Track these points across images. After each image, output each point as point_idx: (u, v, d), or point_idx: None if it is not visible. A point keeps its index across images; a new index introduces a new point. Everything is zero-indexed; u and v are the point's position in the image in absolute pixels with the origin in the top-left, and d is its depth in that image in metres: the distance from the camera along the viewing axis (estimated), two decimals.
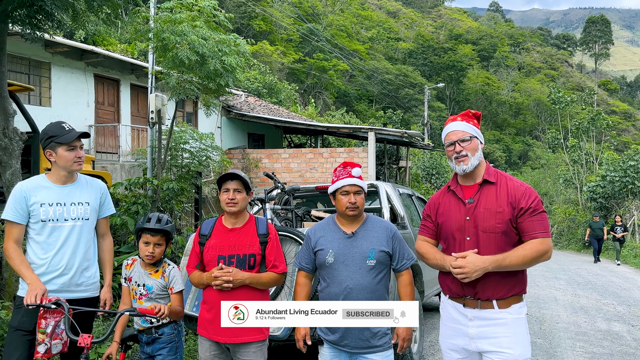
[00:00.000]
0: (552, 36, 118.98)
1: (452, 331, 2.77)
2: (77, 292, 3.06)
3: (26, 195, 2.99)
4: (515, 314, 2.62)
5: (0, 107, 5.34)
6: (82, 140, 3.15)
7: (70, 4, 5.31)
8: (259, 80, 27.17)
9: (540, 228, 2.58)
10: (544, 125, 63.80)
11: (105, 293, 3.19)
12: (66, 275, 3.01)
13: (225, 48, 6.97)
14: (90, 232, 3.16)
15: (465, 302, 2.69)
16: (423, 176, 28.85)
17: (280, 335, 4.12)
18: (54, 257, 2.99)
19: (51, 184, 3.07)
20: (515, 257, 2.55)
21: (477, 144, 2.73)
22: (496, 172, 2.77)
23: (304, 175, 16.00)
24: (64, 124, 3.06)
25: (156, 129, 8.48)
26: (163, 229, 3.15)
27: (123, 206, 7.41)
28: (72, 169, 3.07)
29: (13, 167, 5.25)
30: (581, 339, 6.64)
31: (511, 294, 2.62)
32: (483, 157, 2.79)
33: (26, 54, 12.02)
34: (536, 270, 14.79)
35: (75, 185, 3.14)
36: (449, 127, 2.78)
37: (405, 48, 68.64)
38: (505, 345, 2.57)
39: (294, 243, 4.26)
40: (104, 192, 3.29)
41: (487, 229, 2.62)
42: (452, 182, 2.85)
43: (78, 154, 3.05)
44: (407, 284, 3.00)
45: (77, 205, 3.09)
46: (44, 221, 2.98)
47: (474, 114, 2.83)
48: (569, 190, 30.36)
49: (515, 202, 2.61)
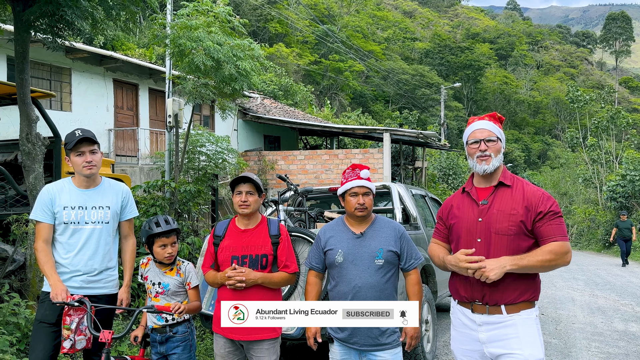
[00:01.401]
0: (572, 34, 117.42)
1: (463, 336, 2.76)
2: (96, 288, 3.19)
3: (52, 197, 3.15)
4: (524, 316, 2.59)
5: (23, 113, 5.52)
6: (98, 143, 3.23)
7: (89, 12, 5.47)
8: (275, 83, 27.34)
9: (559, 232, 2.55)
10: (563, 124, 62.97)
11: (122, 293, 3.30)
12: (86, 275, 3.15)
13: (240, 53, 7.10)
14: (110, 235, 3.28)
15: (474, 307, 2.66)
16: (440, 177, 28.72)
17: (294, 334, 4.21)
18: (74, 257, 3.14)
19: (75, 188, 3.22)
20: (534, 258, 2.51)
21: (501, 147, 2.71)
22: (513, 176, 2.74)
23: (319, 177, 16.09)
24: (76, 131, 3.17)
25: (173, 132, 8.65)
26: (174, 229, 3.27)
27: (142, 208, 7.58)
28: (83, 173, 3.17)
29: (36, 171, 5.42)
30: (597, 339, 6.61)
31: (521, 300, 2.58)
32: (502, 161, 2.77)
33: (47, 60, 12.32)
34: (554, 271, 14.67)
35: (97, 190, 3.26)
36: (475, 125, 2.75)
37: (421, 48, 68.36)
38: (515, 347, 2.54)
39: (306, 243, 4.36)
40: (126, 196, 3.39)
41: (500, 230, 2.59)
42: (468, 184, 2.83)
43: (87, 158, 3.13)
44: (415, 284, 3.07)
45: (97, 209, 3.22)
46: (66, 223, 3.14)
47: (499, 118, 2.81)
48: (588, 190, 29.98)
49: (531, 206, 2.58)
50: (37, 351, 3.05)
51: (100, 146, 3.29)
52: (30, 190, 5.33)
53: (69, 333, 2.92)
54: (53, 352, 3.08)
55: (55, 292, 2.95)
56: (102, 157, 3.29)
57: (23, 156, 5.54)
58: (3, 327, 4.50)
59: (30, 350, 3.10)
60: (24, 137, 5.49)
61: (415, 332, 3.00)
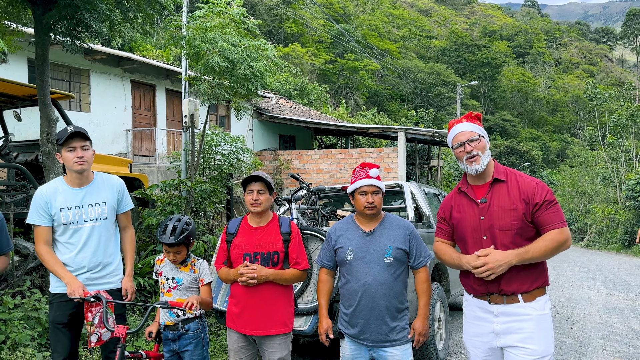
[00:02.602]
0: (591, 30, 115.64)
1: (474, 328, 2.82)
2: (101, 284, 3.20)
3: (47, 200, 3.13)
4: (540, 310, 2.67)
5: (43, 114, 5.67)
6: (90, 140, 3.18)
7: (107, 15, 5.60)
8: (290, 83, 27.44)
9: (557, 219, 2.64)
10: (582, 122, 62.09)
11: (126, 282, 3.31)
12: (90, 272, 3.17)
13: (254, 53, 7.19)
14: (110, 230, 3.28)
15: (491, 298, 2.73)
16: (456, 175, 28.56)
17: (307, 330, 4.27)
18: (76, 255, 3.15)
19: (68, 187, 3.19)
20: (537, 249, 2.61)
21: (485, 143, 2.77)
22: (505, 169, 2.81)
23: (334, 176, 16.13)
24: (69, 127, 3.13)
25: (189, 132, 8.78)
26: (175, 243, 3.21)
27: (159, 207, 7.70)
28: (74, 169, 3.11)
29: (56, 171, 5.56)
30: (612, 338, 6.56)
31: (535, 287, 2.67)
32: (491, 156, 2.83)
33: (67, 62, 12.55)
34: (571, 270, 14.54)
35: (91, 187, 3.23)
36: (455, 129, 2.82)
37: (437, 46, 67.95)
38: (530, 342, 2.62)
39: (318, 241, 4.41)
40: (121, 189, 3.36)
41: (503, 227, 2.67)
42: (462, 184, 2.89)
43: (78, 154, 3.08)
44: (424, 281, 3.11)
45: (94, 206, 3.20)
46: (65, 224, 3.13)
47: (476, 116, 2.88)
48: (607, 189, 29.55)
49: (528, 198, 2.66)
50: (58, 350, 3.15)
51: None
52: None
53: (93, 328, 2.98)
54: (72, 349, 3.17)
55: (72, 289, 2.98)
56: (94, 154, 3.23)
57: (43, 156, 5.69)
58: (25, 322, 4.65)
59: (52, 350, 3.19)
60: (44, 137, 5.64)
61: (424, 328, 3.04)
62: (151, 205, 8.13)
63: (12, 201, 6.28)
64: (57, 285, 3.15)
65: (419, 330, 3.04)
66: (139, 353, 3.22)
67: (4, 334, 4.42)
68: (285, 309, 3.19)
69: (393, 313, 3.04)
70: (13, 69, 11.08)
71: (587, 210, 30.91)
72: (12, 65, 11.14)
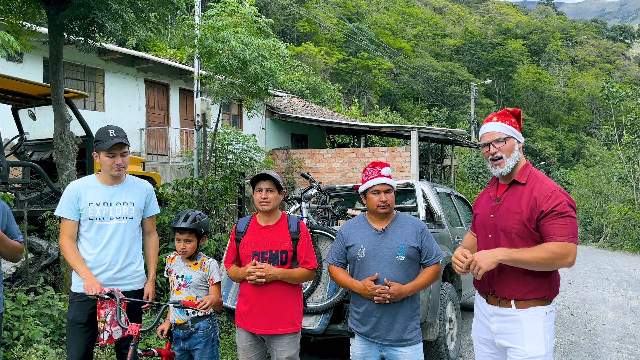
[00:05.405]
0: (608, 28, 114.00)
1: (480, 325, 2.84)
2: (123, 285, 3.24)
3: (78, 194, 3.21)
4: (532, 312, 2.59)
5: (57, 113, 5.73)
6: (129, 145, 3.29)
7: (119, 15, 5.64)
8: (303, 82, 27.44)
9: (562, 232, 2.48)
10: (598, 121, 61.25)
11: (148, 287, 3.38)
12: (111, 270, 3.21)
13: (265, 52, 7.20)
14: (134, 231, 3.34)
15: (488, 298, 2.74)
16: (469, 175, 28.33)
17: (317, 329, 4.26)
18: (99, 252, 3.20)
19: (99, 184, 3.27)
20: (529, 253, 2.48)
21: (514, 144, 2.67)
22: (531, 173, 2.69)
23: (346, 175, 16.10)
24: (110, 130, 3.21)
25: (202, 131, 8.83)
26: (189, 227, 3.29)
27: (171, 205, 7.75)
28: (111, 173, 3.23)
29: (69, 169, 5.62)
30: (628, 340, 6.46)
31: (530, 297, 2.58)
32: (522, 156, 2.73)
33: (81, 62, 12.68)
34: (586, 271, 14.34)
35: (121, 186, 3.32)
36: (484, 128, 2.76)
37: (452, 44, 67.48)
38: (517, 342, 2.58)
39: (328, 240, 4.40)
40: (150, 193, 3.45)
41: (504, 228, 2.64)
42: (493, 180, 2.88)
43: (117, 160, 3.19)
44: (430, 273, 3.07)
45: (122, 205, 3.27)
46: (91, 219, 3.20)
47: (511, 112, 2.76)
48: (624, 189, 29.11)
49: (536, 205, 2.55)
50: (72, 349, 3.18)
51: (131, 145, 3.38)
52: (63, 187, 5.53)
53: (105, 325, 3.01)
54: (87, 349, 3.21)
55: (89, 284, 3.02)
56: (129, 156, 3.34)
57: (57, 154, 5.75)
58: (38, 319, 4.70)
59: (67, 349, 3.22)
60: (58, 136, 5.70)
61: (396, 291, 2.95)
62: (163, 204, 8.18)
63: (27, 199, 6.35)
64: (79, 284, 3.18)
65: (393, 289, 2.94)
66: (151, 351, 3.24)
67: (18, 330, 4.47)
68: (294, 308, 3.18)
69: (406, 312, 3.03)
70: (29, 68, 11.22)
71: (603, 210, 30.48)
72: (28, 65, 11.28)
